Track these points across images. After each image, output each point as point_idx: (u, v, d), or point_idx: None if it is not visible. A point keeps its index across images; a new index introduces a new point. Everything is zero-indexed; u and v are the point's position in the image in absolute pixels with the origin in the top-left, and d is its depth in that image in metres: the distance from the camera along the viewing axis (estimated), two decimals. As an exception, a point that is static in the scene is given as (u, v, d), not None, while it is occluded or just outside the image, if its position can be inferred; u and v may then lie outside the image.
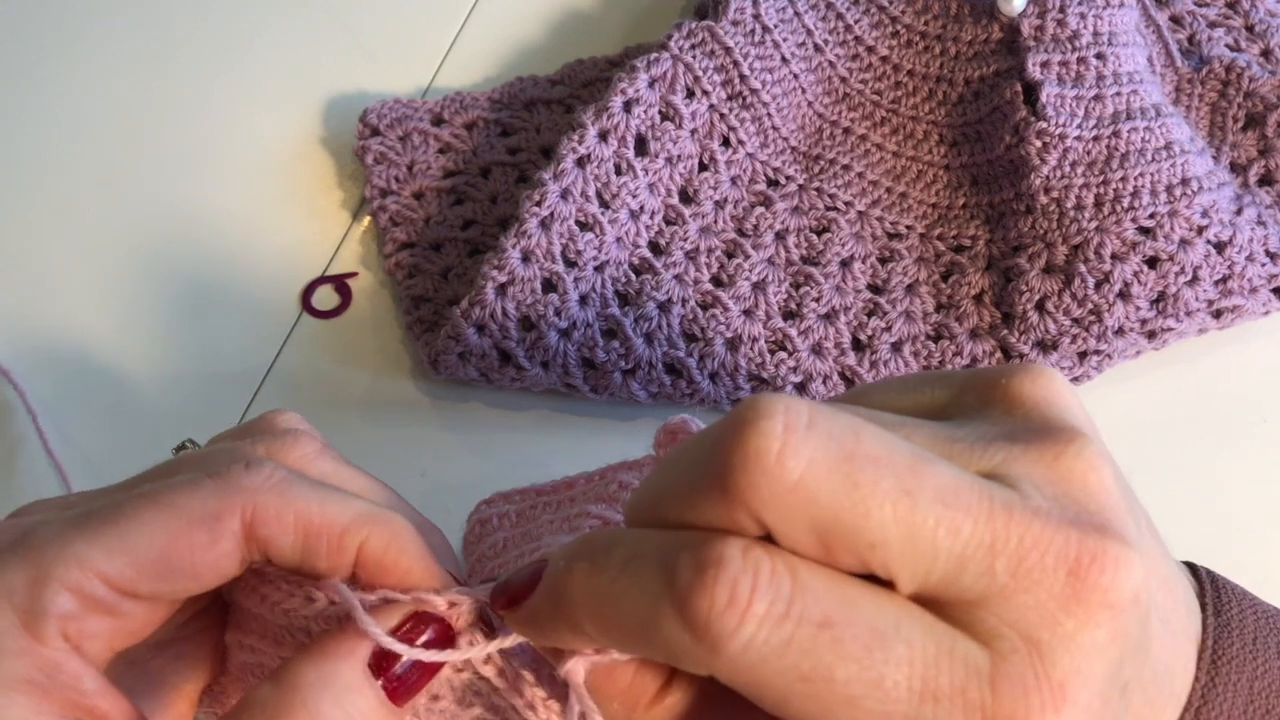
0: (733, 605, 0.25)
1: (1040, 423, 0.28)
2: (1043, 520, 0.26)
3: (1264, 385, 0.51)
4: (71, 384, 0.52)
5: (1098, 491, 0.27)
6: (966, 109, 0.53)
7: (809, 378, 0.49)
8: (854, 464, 0.25)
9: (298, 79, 0.59)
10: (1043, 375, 0.29)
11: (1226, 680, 0.30)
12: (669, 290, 0.50)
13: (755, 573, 0.25)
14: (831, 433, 0.25)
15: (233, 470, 0.31)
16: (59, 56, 0.60)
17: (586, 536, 0.29)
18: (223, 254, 0.55)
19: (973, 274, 0.51)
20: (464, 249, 0.53)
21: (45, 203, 0.56)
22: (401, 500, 0.35)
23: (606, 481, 0.37)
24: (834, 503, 0.25)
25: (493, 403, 0.51)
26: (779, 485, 0.25)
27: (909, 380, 0.31)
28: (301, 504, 0.31)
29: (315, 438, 0.34)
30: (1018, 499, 0.26)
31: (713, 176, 0.52)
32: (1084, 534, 0.26)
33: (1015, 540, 0.25)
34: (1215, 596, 0.31)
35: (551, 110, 0.57)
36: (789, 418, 0.25)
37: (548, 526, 0.38)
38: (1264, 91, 0.53)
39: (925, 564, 0.26)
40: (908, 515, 0.25)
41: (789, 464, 0.25)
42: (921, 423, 0.28)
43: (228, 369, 0.52)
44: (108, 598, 0.29)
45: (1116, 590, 0.26)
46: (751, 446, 0.25)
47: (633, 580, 0.26)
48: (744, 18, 0.53)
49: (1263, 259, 0.49)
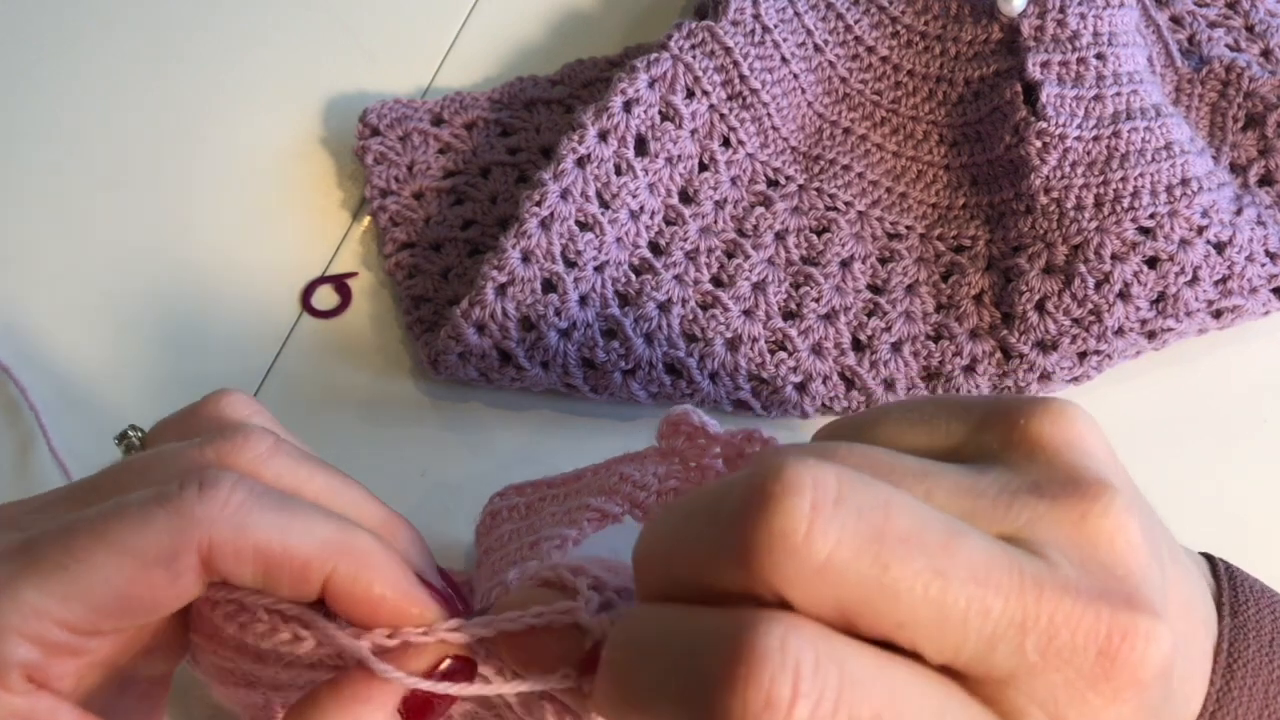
0: (771, 708, 0.23)
1: (1065, 473, 0.27)
2: (1073, 597, 0.25)
3: (1264, 385, 0.51)
4: (71, 384, 0.52)
5: (1125, 554, 0.26)
6: (966, 109, 0.53)
7: (809, 378, 0.49)
8: (884, 544, 0.24)
9: (298, 79, 0.59)
10: (1063, 416, 0.28)
11: (1241, 684, 0.30)
12: (669, 290, 0.50)
13: (797, 669, 0.23)
14: (861, 510, 0.24)
15: (185, 497, 0.28)
16: (59, 57, 0.60)
17: (626, 618, 0.27)
18: (223, 254, 0.55)
19: (973, 274, 0.51)
20: (464, 249, 0.53)
21: (45, 203, 0.56)
22: (362, 492, 0.33)
23: (609, 473, 0.37)
24: (862, 585, 0.24)
25: (493, 403, 0.51)
26: (805, 567, 0.24)
27: (920, 409, 0.30)
28: (261, 536, 0.29)
29: (267, 433, 0.32)
30: (1047, 573, 0.25)
31: (713, 176, 0.52)
32: (1114, 610, 0.25)
33: (1046, 619, 0.25)
34: (1233, 596, 0.31)
35: (551, 110, 0.57)
36: (817, 494, 0.24)
37: (549, 519, 0.38)
38: (1264, 91, 0.53)
39: (954, 643, 0.25)
40: (939, 597, 0.24)
41: (816, 545, 0.23)
42: (943, 470, 0.27)
43: (228, 369, 0.52)
44: (70, 641, 0.29)
45: (1144, 666, 0.25)
46: (777, 525, 0.24)
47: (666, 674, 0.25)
48: (744, 18, 0.53)
49: (1263, 259, 0.49)
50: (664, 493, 0.34)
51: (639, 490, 0.35)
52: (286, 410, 0.51)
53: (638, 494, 0.35)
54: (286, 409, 0.51)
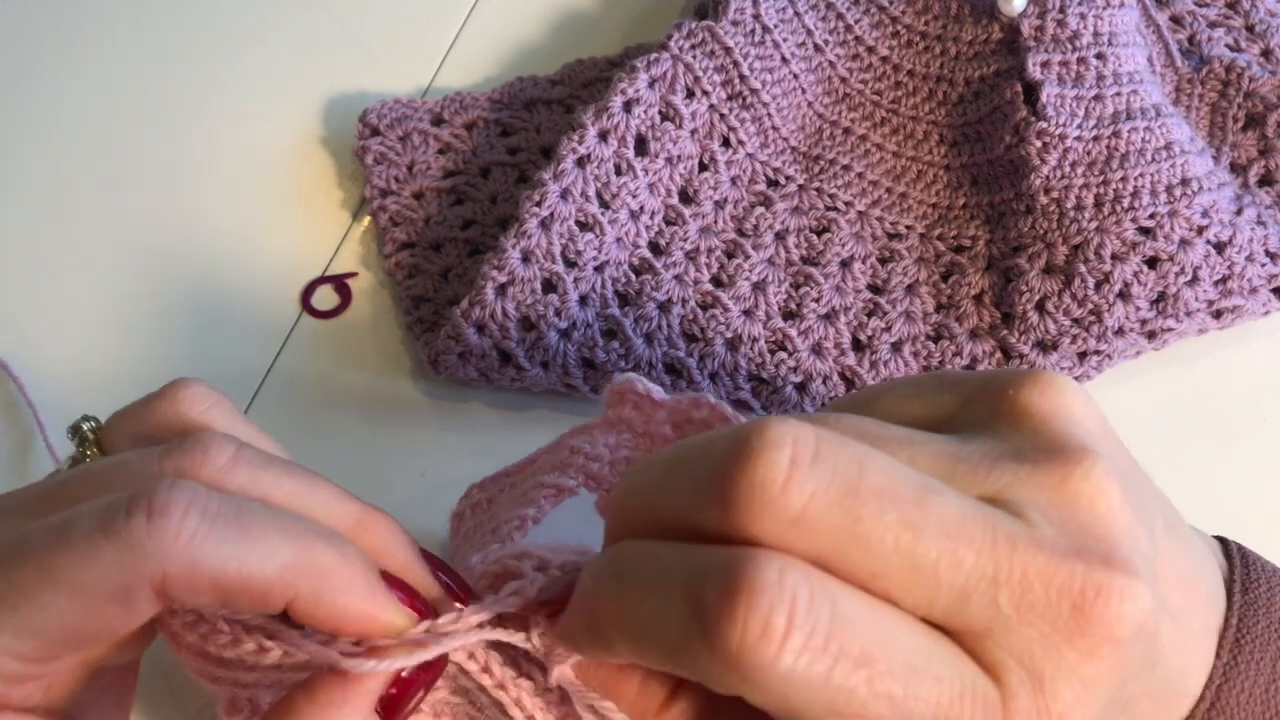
0: (767, 636, 0.24)
1: (1049, 440, 0.28)
2: (1047, 553, 0.25)
3: (1264, 385, 0.51)
4: (71, 384, 0.52)
5: (1105, 515, 0.27)
6: (966, 109, 0.53)
7: (809, 378, 0.49)
8: (857, 498, 0.25)
9: (298, 79, 0.59)
10: (1052, 386, 0.29)
11: (1249, 659, 0.30)
12: (669, 290, 0.50)
13: (793, 600, 0.24)
14: (836, 465, 0.25)
15: (132, 529, 0.26)
16: (59, 57, 0.60)
17: (613, 553, 0.28)
18: (223, 254, 0.55)
19: (973, 274, 0.51)
20: (464, 249, 0.53)
21: (45, 203, 0.56)
22: (332, 491, 0.31)
23: (560, 449, 0.37)
24: (835, 536, 0.25)
25: (493, 403, 0.51)
26: (781, 518, 0.25)
27: (919, 383, 0.31)
28: (216, 567, 0.27)
29: (228, 440, 0.30)
30: (1023, 530, 0.26)
31: (713, 177, 0.52)
32: (1089, 566, 0.25)
33: (1019, 573, 0.25)
34: (1245, 574, 0.31)
35: (551, 110, 0.57)
36: (796, 449, 0.25)
37: (507, 505, 0.38)
38: (1264, 91, 0.53)
39: (928, 594, 0.25)
40: (910, 548, 0.25)
41: (792, 497, 0.25)
42: (929, 439, 0.28)
43: (228, 369, 0.52)
44: (28, 670, 0.28)
45: (1120, 623, 0.25)
46: (757, 477, 0.25)
47: (660, 603, 0.26)
48: (744, 18, 0.53)
49: (1262, 259, 0.49)
50: (616, 463, 0.35)
51: (592, 462, 0.35)
52: (286, 410, 0.51)
53: (591, 465, 0.35)
54: (286, 409, 0.51)
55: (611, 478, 0.35)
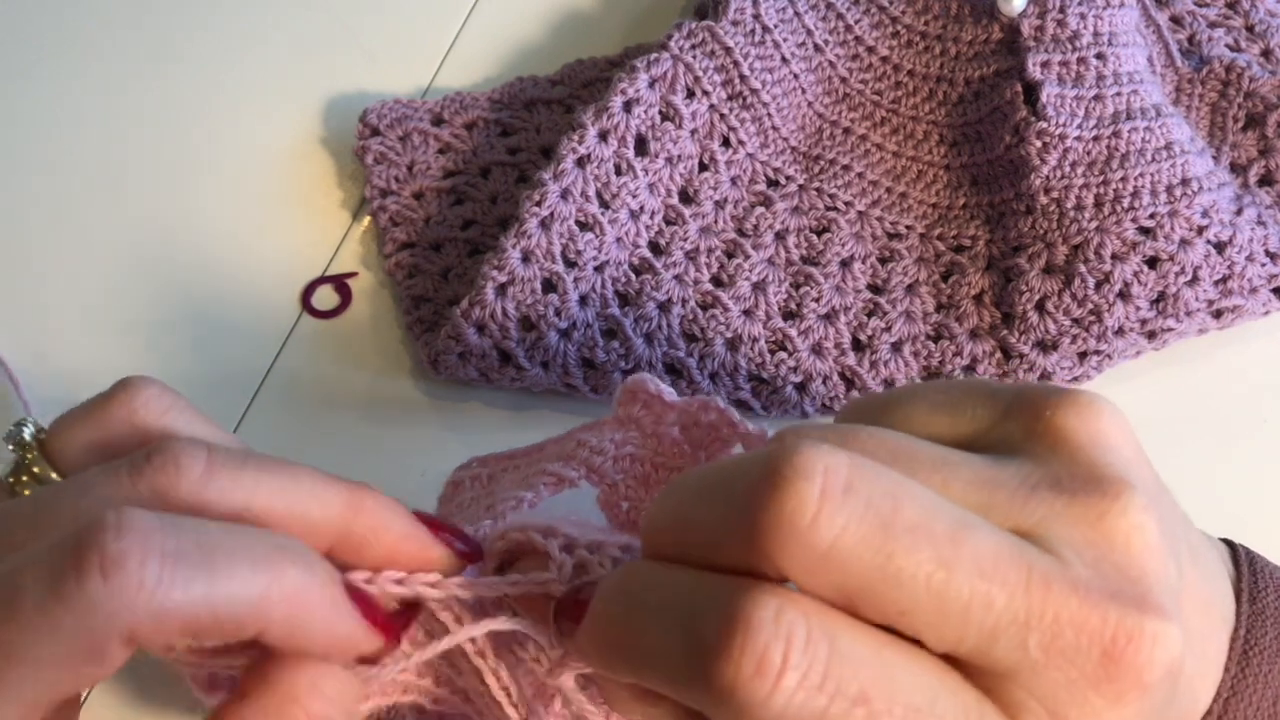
0: (761, 674, 0.24)
1: (1086, 469, 0.27)
2: (1080, 596, 0.25)
3: (1264, 385, 0.51)
4: (71, 384, 0.52)
5: (1140, 555, 0.26)
6: (966, 109, 0.53)
7: (809, 378, 0.49)
8: (890, 534, 0.24)
9: (298, 79, 0.59)
10: (1089, 409, 0.28)
11: (1256, 671, 0.30)
12: (669, 290, 0.50)
13: (789, 639, 0.24)
14: (870, 499, 0.24)
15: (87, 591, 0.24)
16: (58, 56, 0.60)
17: (624, 573, 0.27)
18: (222, 254, 0.55)
19: (973, 274, 0.51)
20: (464, 249, 0.53)
21: (44, 203, 0.56)
22: (316, 481, 0.30)
23: (568, 441, 0.37)
24: (865, 573, 0.24)
25: (493, 403, 0.51)
26: (810, 552, 0.24)
27: (950, 391, 0.30)
28: (186, 610, 0.25)
29: (197, 447, 0.28)
30: (1057, 571, 0.25)
31: (713, 176, 0.52)
32: (1123, 611, 0.25)
33: (1051, 617, 0.25)
34: (1252, 583, 0.31)
35: (551, 110, 0.57)
36: (827, 480, 0.24)
37: (508, 485, 0.38)
38: (1264, 91, 0.53)
39: (956, 634, 0.25)
40: (942, 588, 0.24)
41: (822, 531, 0.24)
42: (963, 460, 0.27)
43: (227, 369, 0.52)
44: None
45: (1150, 670, 0.25)
46: (786, 509, 0.24)
47: (661, 633, 0.25)
48: (744, 18, 0.53)
49: (1263, 259, 0.49)
50: (620, 459, 0.35)
51: (596, 455, 0.35)
52: (286, 410, 0.51)
53: (594, 459, 0.35)
54: (286, 409, 0.51)
55: (614, 473, 0.35)
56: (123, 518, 0.25)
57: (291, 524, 0.29)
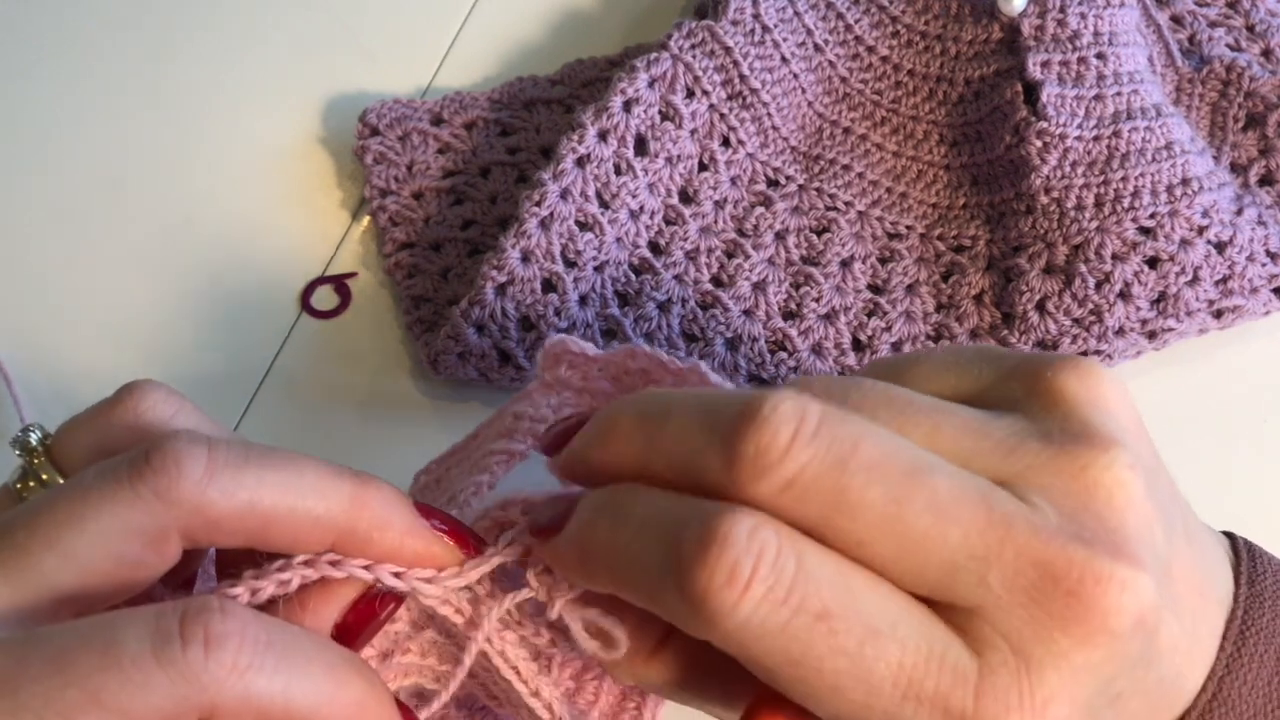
0: (731, 584, 0.25)
1: (1078, 426, 0.28)
2: (1044, 537, 0.26)
3: (1264, 385, 0.51)
4: (71, 384, 0.52)
5: (1121, 507, 0.27)
6: (967, 109, 0.53)
7: (809, 378, 0.49)
8: (845, 470, 0.26)
9: (298, 79, 0.59)
10: (1090, 373, 0.29)
11: (1253, 651, 0.30)
12: (669, 290, 0.50)
13: (759, 553, 0.25)
14: (833, 441, 0.26)
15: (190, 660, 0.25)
16: (59, 56, 0.60)
17: (611, 492, 0.29)
18: (222, 254, 0.55)
19: (973, 274, 0.51)
20: (464, 249, 0.53)
21: (44, 202, 0.56)
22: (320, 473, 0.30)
23: (502, 419, 0.37)
24: (823, 504, 0.26)
25: (493, 403, 0.51)
26: (775, 483, 0.26)
27: (959, 353, 0.31)
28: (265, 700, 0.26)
29: (198, 445, 0.28)
30: (1021, 513, 0.26)
31: (713, 176, 0.52)
32: (1091, 554, 0.26)
33: (1011, 554, 0.26)
34: (1250, 567, 0.31)
35: (551, 110, 0.57)
36: (801, 425, 0.26)
37: (458, 478, 0.38)
38: (1264, 91, 0.53)
39: (914, 568, 0.26)
40: (894, 522, 0.26)
41: (787, 465, 0.26)
42: (956, 409, 0.29)
43: (227, 369, 0.52)
44: None
45: (1119, 614, 0.26)
46: (761, 442, 0.26)
47: (644, 543, 0.27)
48: (744, 17, 0.53)
49: (1263, 259, 0.49)
50: (561, 421, 0.35)
51: (537, 424, 0.35)
52: (286, 410, 0.51)
53: (536, 428, 0.35)
54: (286, 409, 0.51)
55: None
56: (226, 603, 0.26)
57: (295, 520, 0.29)
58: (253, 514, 0.29)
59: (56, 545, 0.27)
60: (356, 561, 0.30)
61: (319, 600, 0.30)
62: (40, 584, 0.27)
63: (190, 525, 0.28)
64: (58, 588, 0.28)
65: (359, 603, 0.31)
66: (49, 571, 0.27)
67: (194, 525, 0.28)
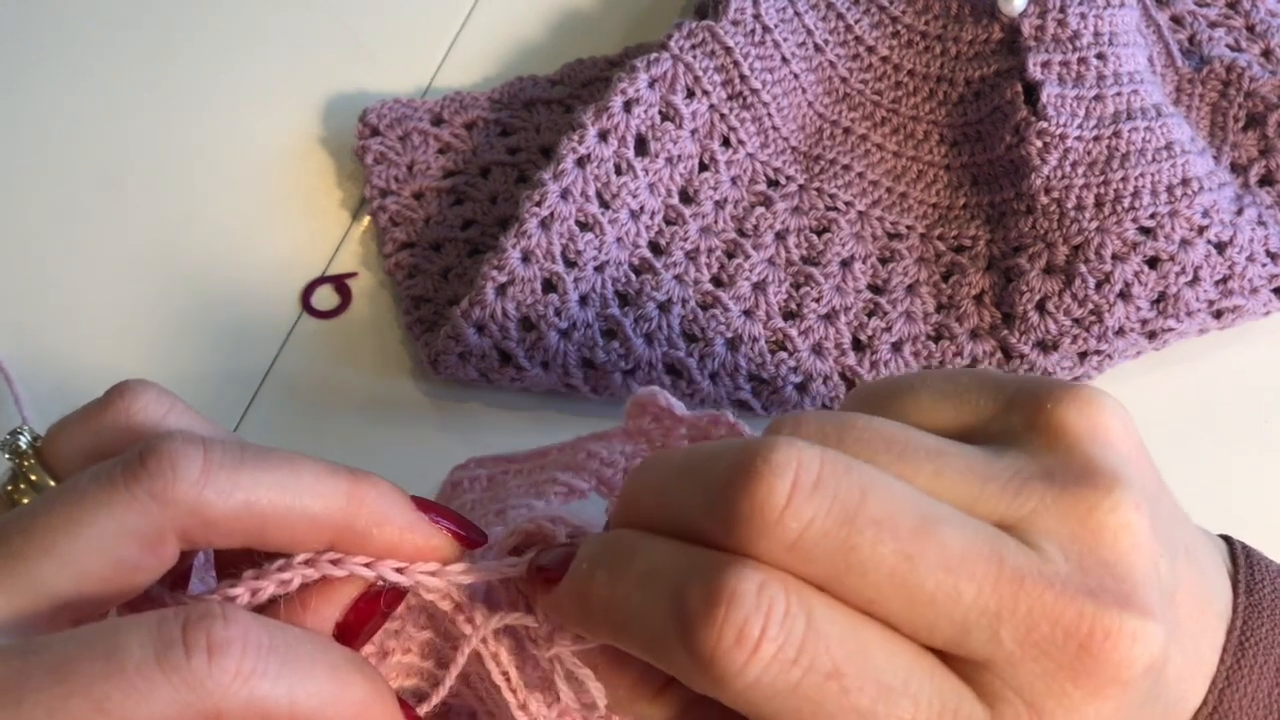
0: (740, 644, 0.25)
1: (1081, 463, 0.27)
2: (1056, 590, 0.25)
3: (1265, 385, 0.51)
4: (71, 384, 0.52)
5: (1127, 553, 0.26)
6: (967, 109, 0.53)
7: (809, 378, 0.49)
8: (853, 527, 0.25)
9: (298, 79, 0.59)
10: (1091, 404, 0.28)
11: (1252, 662, 0.30)
12: (669, 290, 0.50)
13: (768, 612, 0.25)
14: (838, 493, 0.25)
15: (194, 668, 0.25)
16: (59, 56, 0.60)
17: (610, 539, 0.28)
18: (223, 254, 0.55)
19: (973, 274, 0.51)
20: (464, 249, 0.53)
21: (44, 202, 0.56)
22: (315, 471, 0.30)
23: (576, 450, 0.37)
24: (831, 563, 0.25)
25: (493, 403, 0.51)
26: (778, 543, 0.25)
27: (956, 381, 0.31)
28: (270, 704, 0.26)
29: (193, 445, 0.28)
30: (1033, 565, 0.26)
31: (713, 176, 0.52)
32: (1100, 607, 0.25)
33: (1024, 609, 0.25)
34: (1249, 575, 0.31)
35: (551, 110, 0.57)
36: (799, 475, 0.25)
37: (515, 491, 0.38)
38: (1264, 91, 0.53)
39: (926, 623, 0.25)
40: (905, 579, 0.25)
41: (789, 524, 0.25)
42: (958, 452, 0.28)
43: (227, 369, 0.52)
44: None
45: (1129, 666, 0.25)
46: (756, 500, 0.25)
47: (646, 599, 0.26)
48: (744, 18, 0.53)
49: (1263, 259, 0.49)
50: (630, 471, 0.35)
51: (606, 467, 0.35)
52: (286, 410, 0.51)
53: (605, 471, 0.35)
54: (286, 409, 0.51)
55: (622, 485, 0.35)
56: (228, 609, 0.26)
57: (292, 520, 0.29)
58: (250, 514, 0.28)
59: (53, 551, 0.27)
60: (357, 559, 0.30)
61: (320, 599, 0.30)
62: (38, 590, 0.27)
63: (187, 527, 0.28)
64: (56, 594, 0.27)
65: (360, 600, 0.30)
66: (46, 578, 0.27)
67: (191, 527, 0.28)
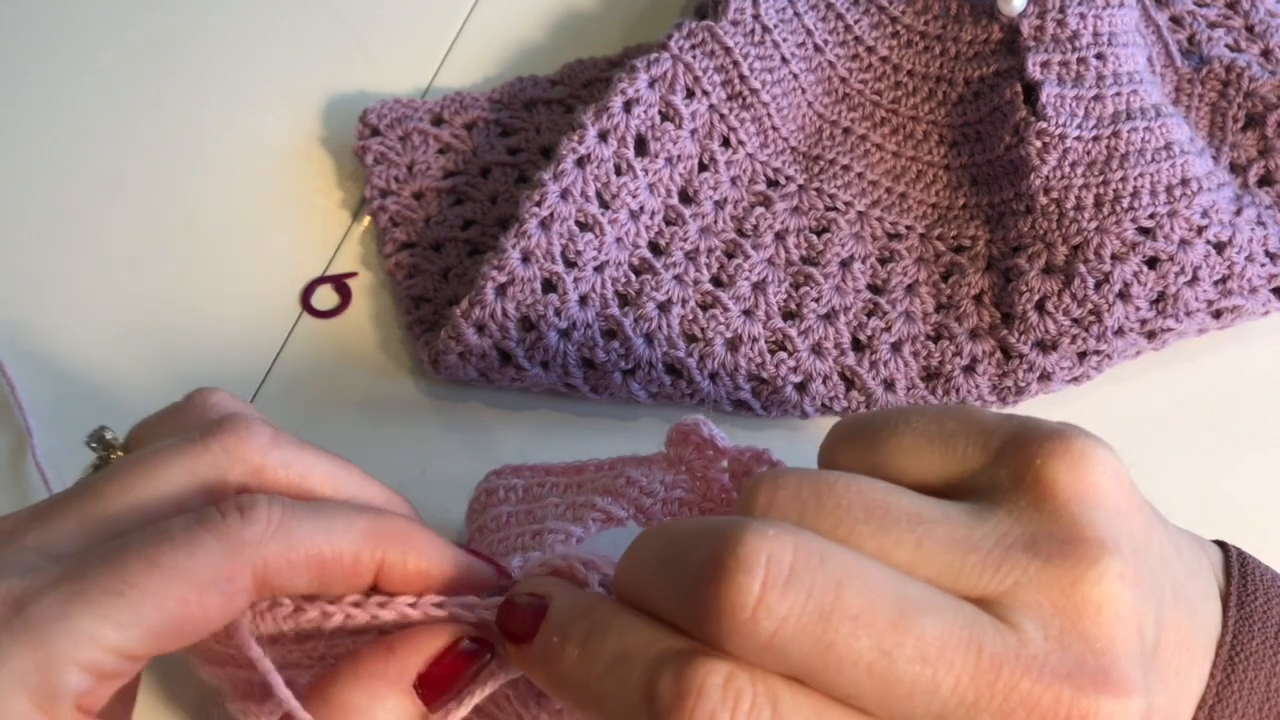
0: None
1: (1067, 530, 0.27)
2: (1034, 677, 0.25)
3: (1264, 386, 0.51)
4: (71, 384, 0.52)
5: (1110, 626, 0.26)
6: (966, 109, 0.53)
7: (809, 378, 0.49)
8: (829, 624, 0.25)
9: (298, 79, 0.59)
10: (1082, 461, 0.28)
11: (1243, 676, 0.29)
12: (669, 290, 0.50)
13: (735, 705, 0.25)
14: (813, 588, 0.25)
15: (229, 523, 0.29)
16: (59, 56, 0.60)
17: (583, 610, 0.28)
18: (222, 254, 0.55)
19: (972, 274, 0.51)
20: (464, 249, 0.53)
21: (44, 202, 0.56)
22: (362, 474, 0.34)
23: (615, 474, 0.37)
24: (807, 660, 0.25)
25: (493, 403, 0.51)
26: (752, 642, 0.25)
27: (945, 424, 0.30)
28: (309, 543, 0.30)
29: (264, 423, 0.33)
30: (1010, 649, 0.26)
31: (713, 177, 0.52)
32: (1077, 692, 0.25)
33: (1001, 698, 0.25)
34: (1241, 586, 0.31)
35: (551, 110, 0.57)
36: (769, 571, 0.25)
37: (552, 509, 0.38)
38: (1264, 92, 0.53)
39: (903, 714, 0.25)
40: (884, 675, 0.25)
41: (762, 623, 0.25)
42: (941, 517, 0.28)
43: (228, 369, 0.52)
44: (121, 666, 0.28)
45: None
46: (727, 600, 0.25)
47: (616, 684, 0.27)
48: (744, 18, 0.53)
49: (1262, 259, 0.49)
50: (669, 501, 0.35)
51: (645, 496, 0.35)
52: (286, 410, 0.51)
53: (643, 500, 0.35)
54: (286, 409, 0.51)
55: (662, 516, 0.35)
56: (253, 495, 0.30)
57: (348, 517, 0.32)
58: (303, 488, 0.32)
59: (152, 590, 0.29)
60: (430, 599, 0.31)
61: (407, 647, 0.31)
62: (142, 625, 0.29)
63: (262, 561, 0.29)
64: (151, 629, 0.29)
65: (445, 654, 0.31)
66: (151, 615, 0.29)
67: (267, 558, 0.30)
